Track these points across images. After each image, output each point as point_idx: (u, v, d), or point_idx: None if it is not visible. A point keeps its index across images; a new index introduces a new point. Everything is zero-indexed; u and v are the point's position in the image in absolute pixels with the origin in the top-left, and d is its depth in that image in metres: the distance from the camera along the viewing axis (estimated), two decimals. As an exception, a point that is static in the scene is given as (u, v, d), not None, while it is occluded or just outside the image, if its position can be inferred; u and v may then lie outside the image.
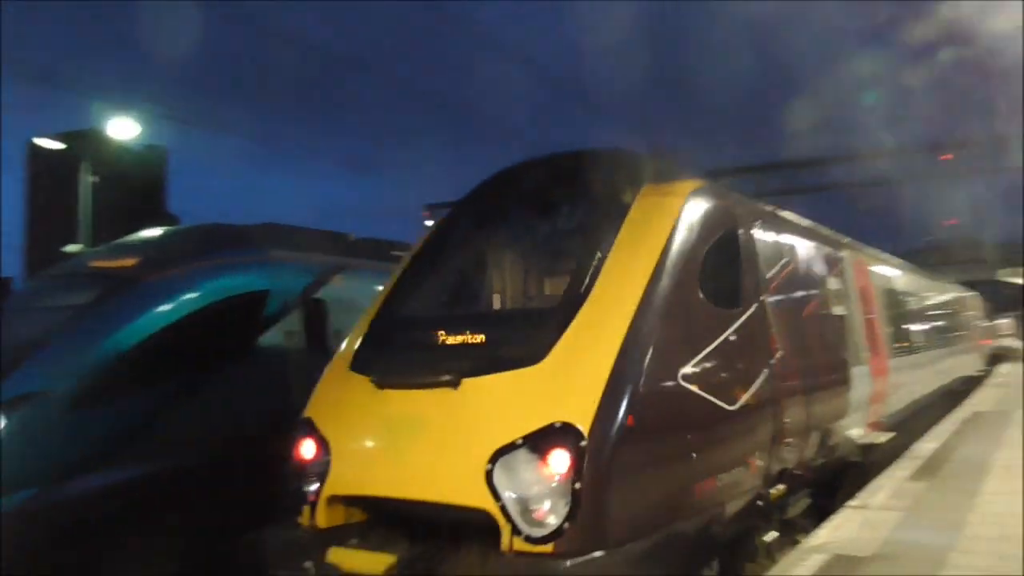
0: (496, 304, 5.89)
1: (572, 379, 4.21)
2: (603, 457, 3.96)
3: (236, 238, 8.00)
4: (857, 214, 31.67)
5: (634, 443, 4.13)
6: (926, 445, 9.80)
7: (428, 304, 5.64)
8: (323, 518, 4.61)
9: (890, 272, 11.92)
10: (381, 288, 5.94)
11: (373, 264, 9.55)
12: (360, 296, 8.93)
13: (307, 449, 4.79)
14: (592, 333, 4.37)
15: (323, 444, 4.71)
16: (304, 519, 4.67)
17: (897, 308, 11.24)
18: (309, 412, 4.97)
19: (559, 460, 3.94)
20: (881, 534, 5.73)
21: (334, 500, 4.64)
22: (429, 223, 38.13)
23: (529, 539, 3.89)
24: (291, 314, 7.57)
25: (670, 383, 4.50)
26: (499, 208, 5.96)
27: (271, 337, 7.32)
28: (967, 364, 19.05)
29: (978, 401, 15.50)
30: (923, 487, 7.35)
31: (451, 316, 5.45)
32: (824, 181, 32.31)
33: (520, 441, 4.01)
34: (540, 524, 3.92)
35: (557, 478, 3.93)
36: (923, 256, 36.79)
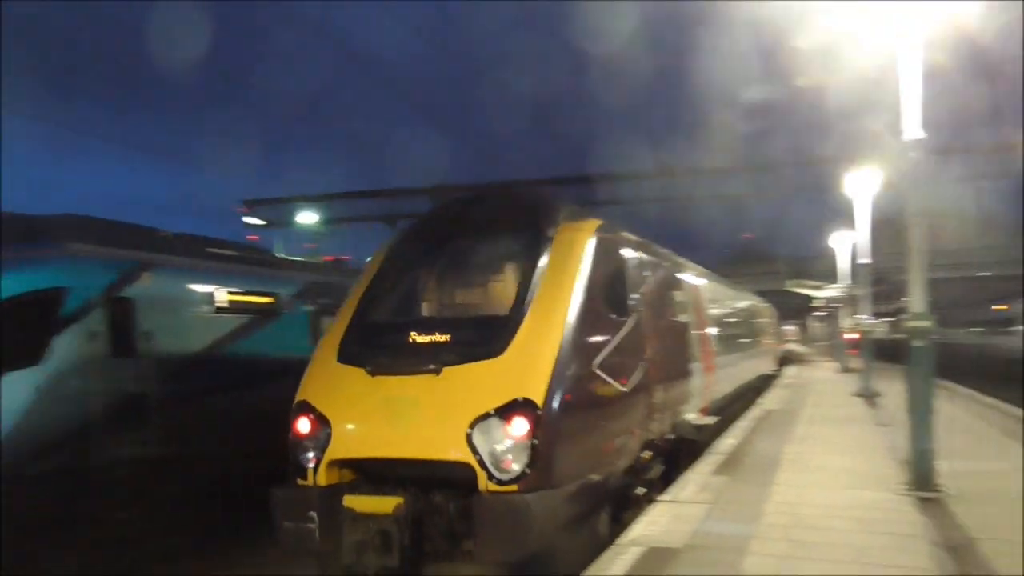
0: (451, 312, 7.07)
1: (527, 367, 5.51)
2: (552, 423, 5.32)
3: (27, 229, 7.22)
4: (671, 225, 33.66)
5: (570, 413, 5.53)
6: (727, 441, 10.59)
7: (397, 311, 6.81)
8: (323, 478, 5.69)
9: (713, 285, 13.79)
10: (208, 288, 7.39)
11: (188, 262, 8.96)
12: (173, 295, 8.36)
13: (305, 425, 5.86)
14: (538, 334, 5.69)
15: (321, 420, 5.79)
16: (308, 480, 5.74)
17: (718, 316, 13.30)
18: (303, 396, 6.01)
19: (521, 425, 5.25)
20: (690, 527, 6.13)
21: (332, 464, 5.72)
22: (248, 219, 36.45)
23: (500, 482, 5.19)
24: (92, 315, 6.94)
25: (590, 370, 5.96)
26: (448, 233, 7.13)
27: (68, 340, 6.67)
28: (765, 364, 21.83)
29: (769, 400, 16.98)
30: (725, 481, 7.93)
31: (423, 321, 6.63)
32: (642, 194, 34.08)
33: (492, 412, 5.30)
34: (507, 471, 5.22)
35: (520, 438, 5.23)
36: (724, 266, 39.88)
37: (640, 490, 7.14)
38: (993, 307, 27.72)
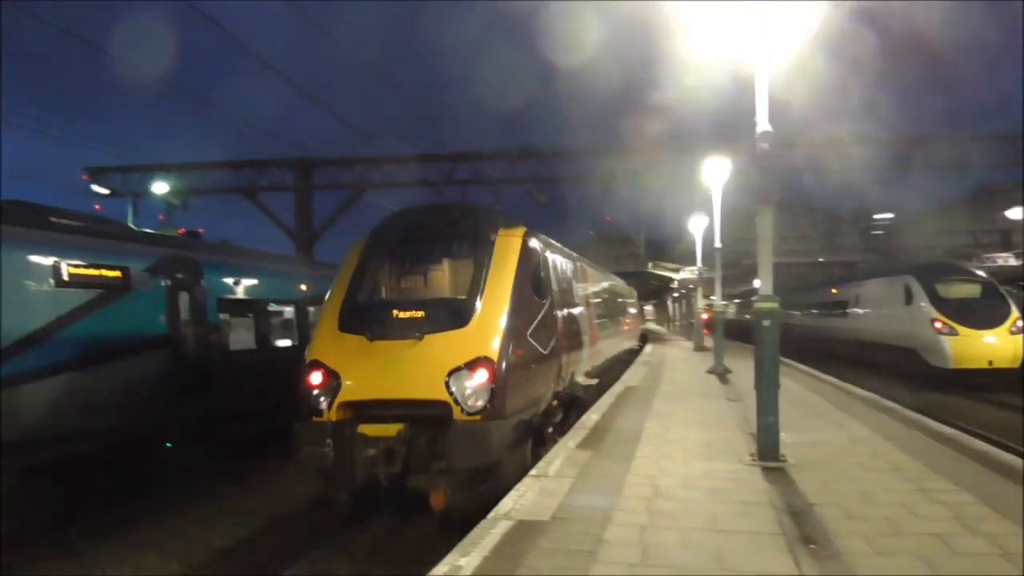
0: (422, 295, 8.70)
1: (485, 334, 7.72)
2: (503, 373, 7.54)
3: None
4: (537, 206, 33.98)
5: (515, 367, 7.78)
6: (591, 417, 10.90)
7: (379, 294, 8.80)
8: (334, 416, 7.59)
9: (593, 272, 15.70)
10: (47, 260, 7.99)
11: (23, 232, 8.26)
12: (8, 268, 7.67)
13: (318, 377, 7.73)
14: (490, 312, 7.92)
15: (331, 373, 7.70)
16: (323, 417, 7.60)
17: (598, 298, 15.59)
18: (315, 356, 7.90)
19: (483, 374, 7.45)
20: (556, 500, 6.28)
21: (341, 405, 7.62)
22: (95, 188, 33.89)
23: (468, 414, 7.36)
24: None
25: (525, 338, 8.28)
26: (412, 235, 9.13)
27: None
28: (630, 341, 23.89)
29: (630, 376, 17.62)
30: (590, 455, 8.17)
31: (404, 302, 8.33)
32: (510, 175, 34.27)
33: (463, 365, 7.45)
34: (474, 407, 7.38)
35: (482, 383, 7.43)
36: (588, 247, 40.92)
37: (549, 429, 9.43)
38: (832, 291, 29.95)
